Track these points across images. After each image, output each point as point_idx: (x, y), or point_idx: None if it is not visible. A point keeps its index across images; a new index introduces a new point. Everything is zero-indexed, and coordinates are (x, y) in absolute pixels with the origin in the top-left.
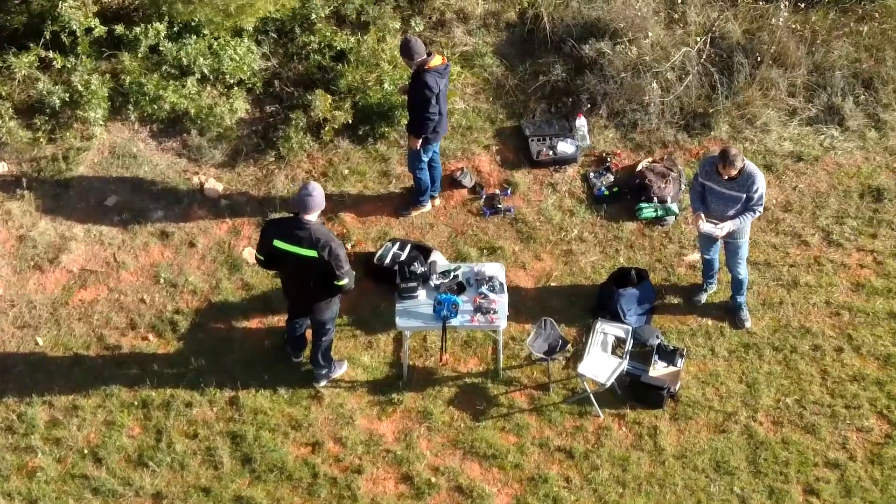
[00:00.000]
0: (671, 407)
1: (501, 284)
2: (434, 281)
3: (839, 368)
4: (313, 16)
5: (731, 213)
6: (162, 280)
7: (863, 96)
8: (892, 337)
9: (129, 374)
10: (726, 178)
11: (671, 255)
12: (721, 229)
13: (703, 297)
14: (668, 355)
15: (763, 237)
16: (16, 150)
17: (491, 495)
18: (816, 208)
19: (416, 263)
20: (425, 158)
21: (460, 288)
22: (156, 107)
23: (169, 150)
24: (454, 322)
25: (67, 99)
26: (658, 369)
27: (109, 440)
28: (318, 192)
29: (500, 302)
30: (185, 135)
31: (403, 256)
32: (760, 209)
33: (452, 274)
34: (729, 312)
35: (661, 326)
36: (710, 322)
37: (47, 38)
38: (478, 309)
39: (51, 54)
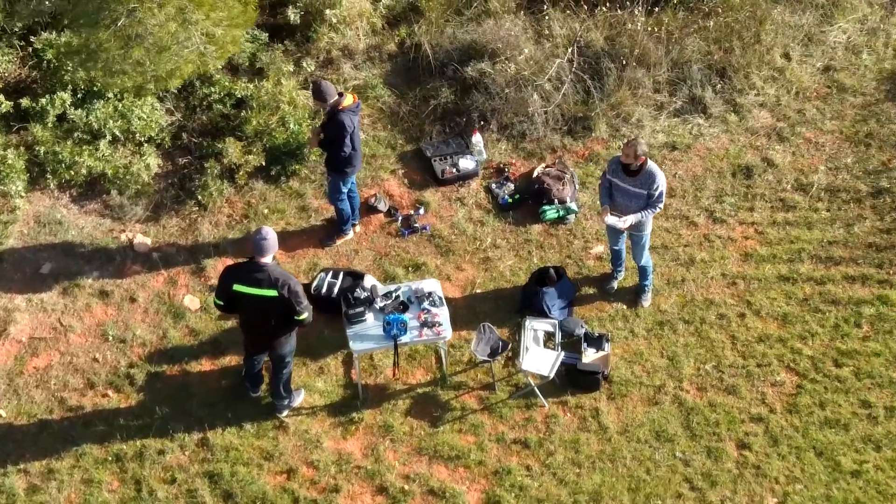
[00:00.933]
0: (606, 388)
1: (440, 298)
2: (379, 303)
3: (745, 332)
4: (210, 68)
5: (634, 207)
6: (110, 337)
7: (719, 85)
8: (785, 297)
9: (97, 432)
10: (628, 172)
11: (578, 249)
12: (624, 222)
13: (615, 285)
14: (596, 341)
15: (656, 223)
16: None
17: (461, 493)
18: (697, 191)
19: (358, 289)
20: (344, 190)
21: (404, 307)
22: (73, 172)
23: (92, 212)
24: (404, 339)
25: None
26: (589, 356)
27: (91, 498)
28: (271, 236)
29: (443, 314)
30: (105, 195)
31: (338, 284)
32: (661, 205)
33: (394, 295)
34: (637, 293)
35: (583, 316)
36: (624, 306)
37: None
38: (424, 324)
39: None
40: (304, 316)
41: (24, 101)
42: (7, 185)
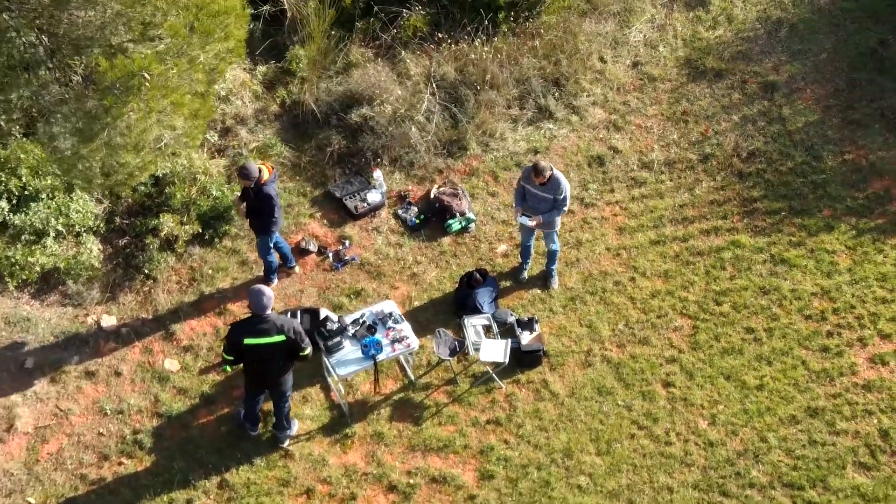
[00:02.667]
0: (547, 362)
1: (400, 315)
2: (350, 330)
3: (639, 292)
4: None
5: (543, 208)
6: (108, 411)
7: (557, 93)
8: (661, 257)
9: (125, 497)
10: (539, 183)
11: (486, 251)
12: (534, 221)
13: (525, 275)
14: (527, 324)
15: None
16: None
17: (458, 475)
18: None
19: (328, 322)
20: (271, 245)
21: (372, 329)
22: (27, 272)
23: (53, 303)
24: (381, 357)
25: None
26: (526, 338)
27: None
28: (268, 292)
29: (406, 329)
30: (60, 286)
31: (298, 321)
32: (566, 207)
33: (361, 321)
34: (543, 279)
35: (508, 306)
36: (538, 291)
37: None
38: (393, 340)
39: None
40: (308, 351)
41: None
42: None
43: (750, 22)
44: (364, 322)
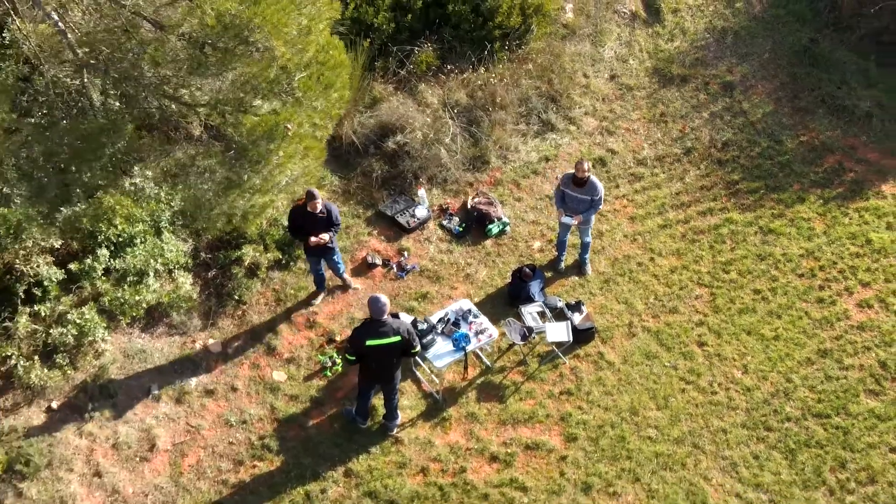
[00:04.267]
0: (598, 337)
1: (477, 311)
2: (439, 328)
3: (660, 270)
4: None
5: (581, 209)
6: (233, 423)
7: (554, 108)
8: (671, 238)
9: (265, 495)
10: (579, 177)
11: (524, 249)
12: (576, 220)
13: (562, 265)
14: (575, 307)
15: None
16: (55, 388)
17: (548, 441)
18: None
19: (418, 323)
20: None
21: (456, 325)
22: (136, 309)
23: (162, 334)
24: (470, 347)
25: (76, 332)
26: (577, 318)
27: None
28: (384, 299)
29: (485, 321)
30: (165, 319)
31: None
32: (600, 206)
33: (446, 318)
34: (578, 267)
35: (553, 293)
36: (575, 278)
37: (21, 295)
38: (476, 332)
39: (36, 307)
40: (418, 348)
41: (73, 266)
42: (93, 335)
43: (700, 32)
44: (449, 320)
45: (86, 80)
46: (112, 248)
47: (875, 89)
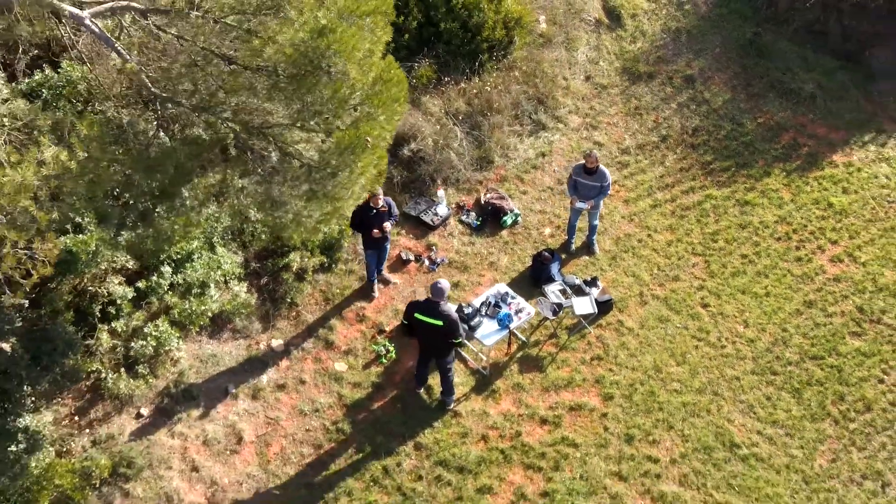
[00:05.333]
0: (616, 307)
1: (513, 293)
2: (483, 311)
3: (657, 244)
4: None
5: (592, 195)
6: (307, 412)
7: (542, 109)
8: (662, 216)
9: (348, 472)
10: (589, 166)
11: (536, 236)
12: (588, 204)
13: (573, 247)
14: (592, 283)
15: (566, 202)
16: (141, 396)
17: (588, 401)
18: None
19: (463, 308)
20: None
21: (497, 307)
22: (203, 318)
23: (228, 339)
24: (513, 325)
25: (154, 344)
26: (595, 293)
27: None
28: (445, 284)
29: (522, 301)
30: (228, 325)
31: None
32: (609, 191)
33: (487, 302)
34: (586, 247)
35: (570, 272)
36: (585, 257)
37: (97, 314)
38: (516, 311)
39: (113, 324)
40: (460, 340)
41: (141, 284)
42: (169, 345)
43: (658, 33)
44: (490, 303)
45: (159, 111)
46: (173, 265)
47: (815, 73)
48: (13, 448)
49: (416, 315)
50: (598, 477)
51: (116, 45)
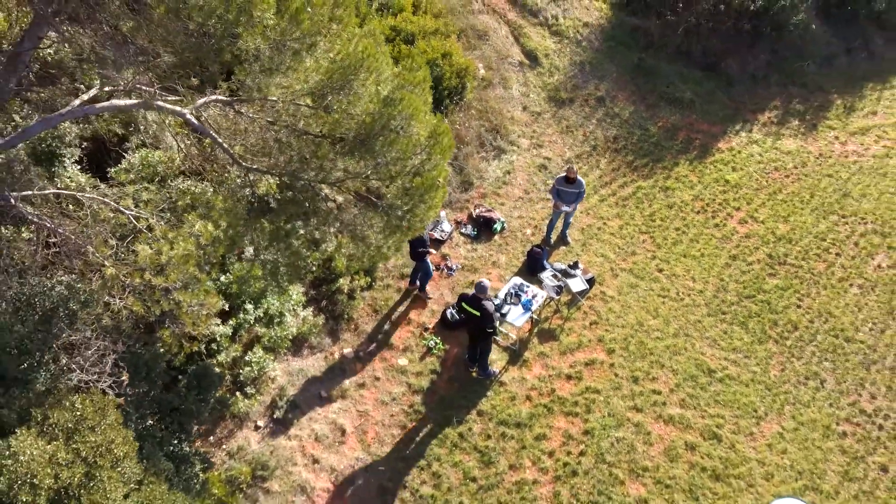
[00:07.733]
0: (598, 282)
1: (526, 283)
2: (508, 301)
3: (612, 229)
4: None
5: (571, 199)
6: (387, 401)
7: (499, 136)
8: (609, 207)
9: (433, 443)
10: (569, 179)
11: (521, 236)
12: (570, 207)
13: (552, 239)
14: (575, 266)
15: (537, 207)
16: (254, 412)
17: (597, 357)
18: (532, 186)
19: (490, 302)
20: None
21: (517, 296)
22: (286, 341)
23: (307, 355)
24: (534, 307)
25: (258, 368)
26: (579, 273)
27: (459, 466)
28: (486, 283)
29: (534, 289)
30: (305, 343)
31: (494, 309)
32: (583, 197)
33: (509, 292)
34: (561, 240)
35: (554, 260)
36: (563, 247)
37: (204, 350)
38: (532, 296)
39: (218, 358)
40: (491, 330)
41: (232, 321)
42: (266, 367)
43: (567, 66)
44: (512, 293)
45: (252, 178)
46: (252, 302)
47: (689, 83)
48: (194, 470)
49: (463, 304)
50: (621, 412)
51: (210, 132)
